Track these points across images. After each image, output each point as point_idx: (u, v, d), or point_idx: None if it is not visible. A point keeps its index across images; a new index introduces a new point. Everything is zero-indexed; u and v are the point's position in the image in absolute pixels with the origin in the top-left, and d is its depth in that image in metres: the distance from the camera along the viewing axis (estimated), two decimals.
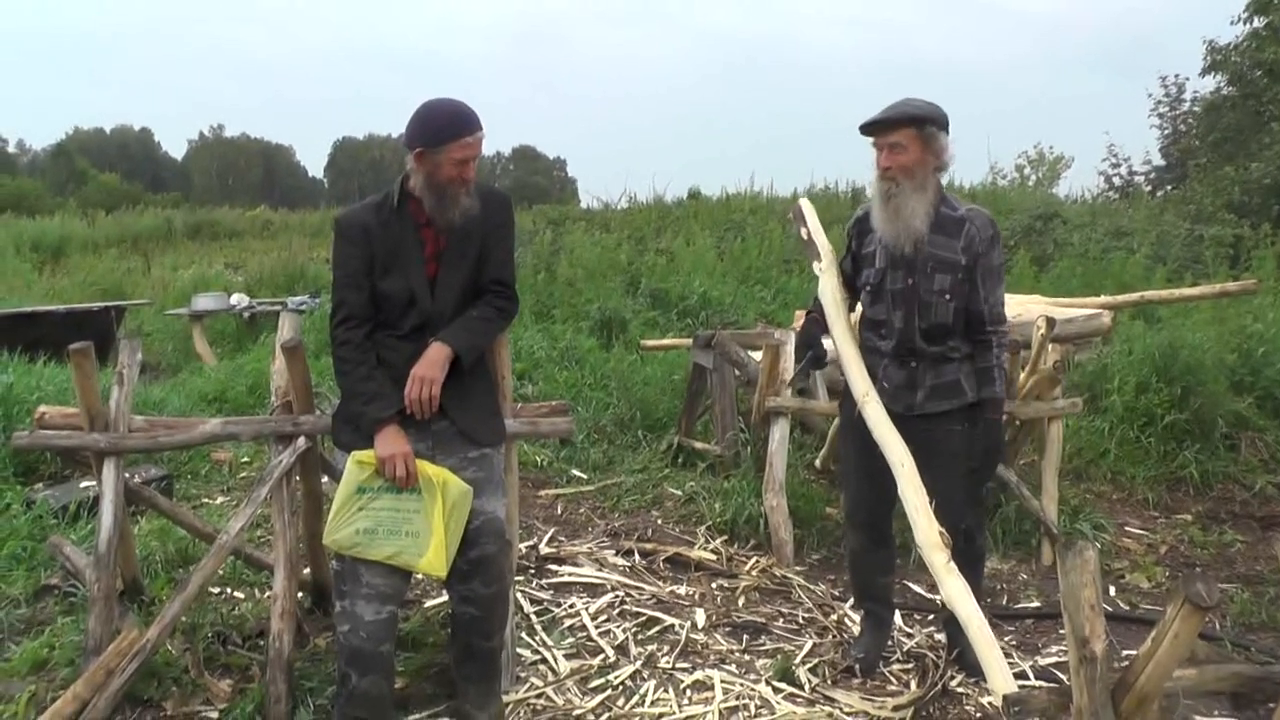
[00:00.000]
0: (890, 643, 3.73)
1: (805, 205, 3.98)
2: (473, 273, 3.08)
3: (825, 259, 3.66)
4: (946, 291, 3.25)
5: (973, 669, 3.44)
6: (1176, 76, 19.57)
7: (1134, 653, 2.31)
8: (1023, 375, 4.74)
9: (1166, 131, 19.87)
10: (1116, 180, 19.81)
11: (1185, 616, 2.16)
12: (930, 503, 3.03)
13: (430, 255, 3.02)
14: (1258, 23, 16.04)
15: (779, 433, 4.84)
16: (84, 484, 4.65)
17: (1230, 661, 3.10)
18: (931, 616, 4.02)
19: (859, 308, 3.57)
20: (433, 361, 2.92)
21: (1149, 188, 19.23)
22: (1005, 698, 2.37)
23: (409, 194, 3.00)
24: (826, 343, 3.63)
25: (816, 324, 3.63)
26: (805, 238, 3.84)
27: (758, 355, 5.33)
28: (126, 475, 3.36)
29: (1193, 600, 2.13)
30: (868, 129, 3.28)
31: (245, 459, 5.87)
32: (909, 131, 3.21)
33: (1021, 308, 6.49)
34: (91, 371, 3.19)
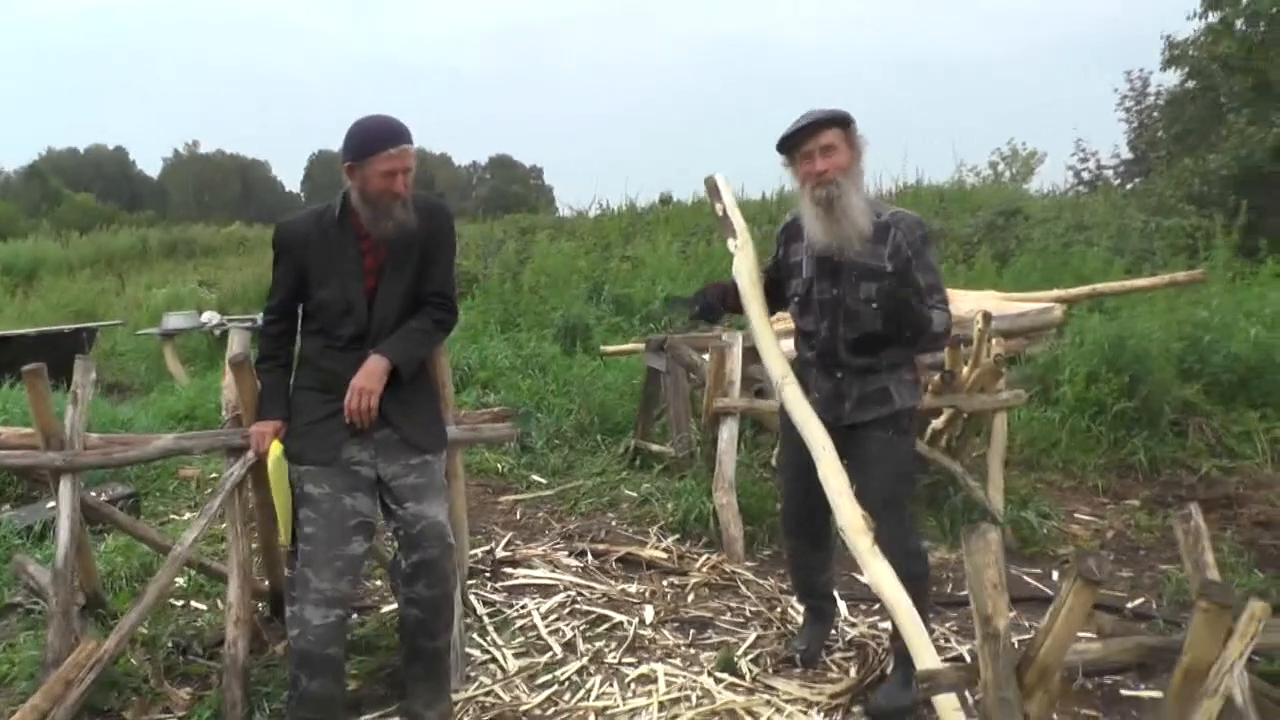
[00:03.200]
0: (834, 632, 3.81)
1: (720, 179, 3.78)
2: (412, 285, 3.18)
3: (740, 236, 3.55)
4: (873, 300, 3.15)
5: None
6: (1141, 71, 19.78)
7: None
8: (965, 369, 4.86)
9: (1133, 125, 20.07)
10: (1085, 175, 20.01)
11: (1078, 591, 2.28)
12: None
13: (370, 269, 3.13)
14: (1212, 18, 16.24)
15: (727, 432, 4.95)
16: (49, 504, 4.70)
17: (1133, 634, 3.18)
18: (877, 605, 4.12)
19: (787, 317, 3.50)
20: (370, 373, 3.03)
21: (1117, 181, 19.40)
22: (917, 674, 2.49)
23: (351, 207, 3.11)
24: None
25: (722, 288, 3.50)
26: (720, 214, 3.68)
27: None
28: (91, 494, 3.46)
29: (1084, 575, 2.26)
30: (794, 138, 3.16)
31: (214, 475, 5.94)
32: (838, 131, 3.14)
33: (974, 304, 6.63)
34: (45, 391, 3.29)
